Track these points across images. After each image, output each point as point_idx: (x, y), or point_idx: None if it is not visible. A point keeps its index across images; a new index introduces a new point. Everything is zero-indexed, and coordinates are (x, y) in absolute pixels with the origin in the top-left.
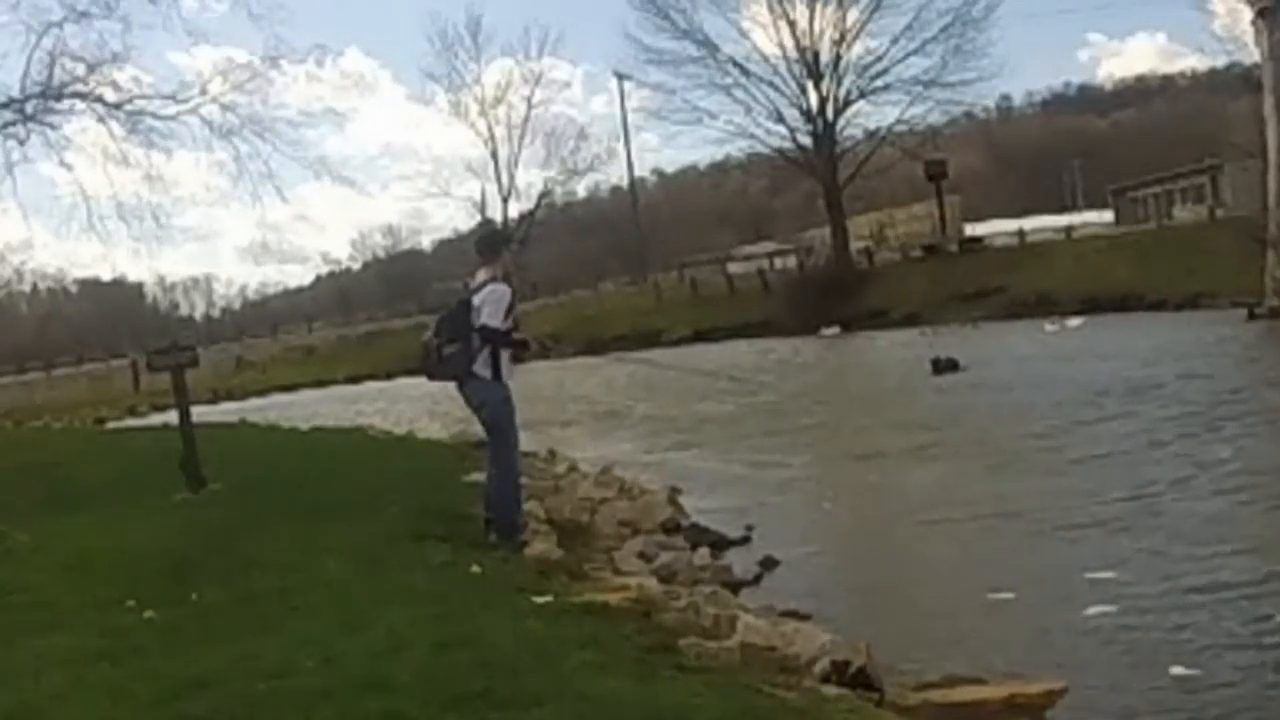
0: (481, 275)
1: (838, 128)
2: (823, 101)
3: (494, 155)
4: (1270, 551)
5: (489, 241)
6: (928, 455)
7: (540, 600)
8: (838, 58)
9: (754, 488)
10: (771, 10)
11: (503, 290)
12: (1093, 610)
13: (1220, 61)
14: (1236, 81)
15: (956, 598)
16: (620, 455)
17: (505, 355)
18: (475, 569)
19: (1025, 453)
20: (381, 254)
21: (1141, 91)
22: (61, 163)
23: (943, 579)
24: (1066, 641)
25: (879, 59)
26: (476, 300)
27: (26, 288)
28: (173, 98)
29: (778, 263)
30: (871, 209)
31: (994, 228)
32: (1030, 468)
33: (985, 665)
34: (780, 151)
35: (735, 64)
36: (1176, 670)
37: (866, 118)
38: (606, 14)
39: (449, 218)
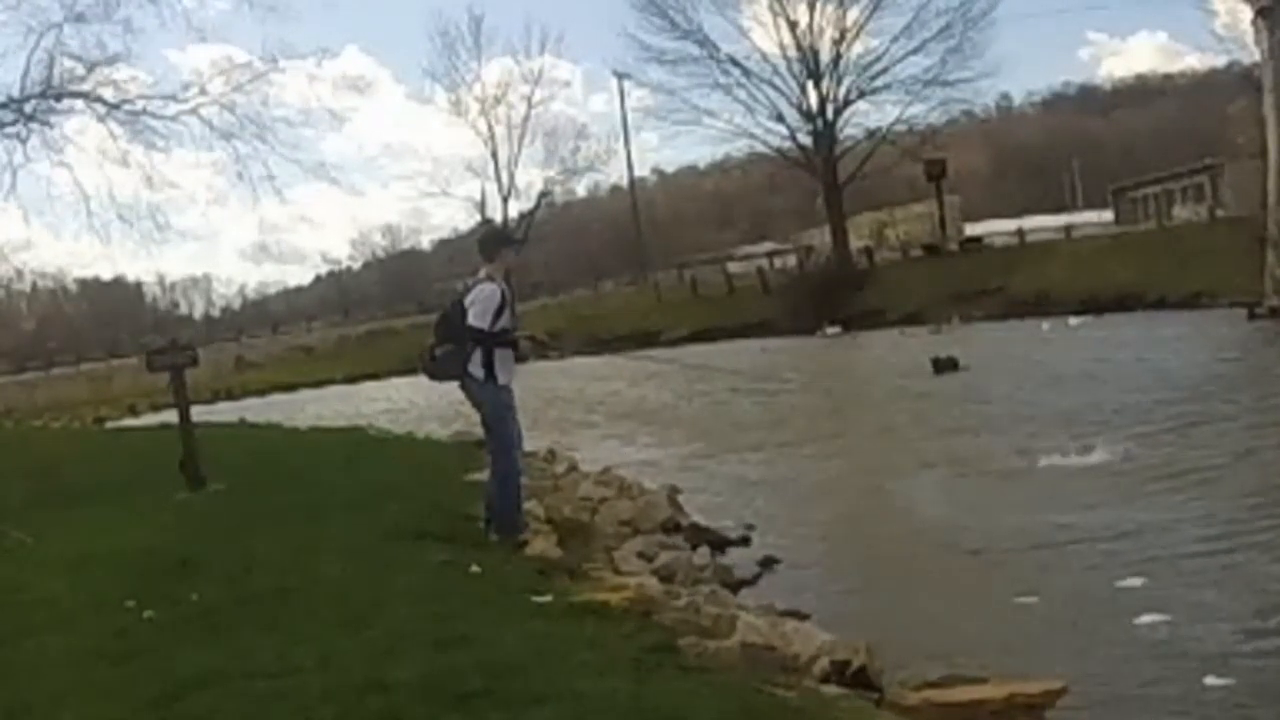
0: (480, 275)
1: (838, 127)
2: (823, 101)
3: (494, 155)
4: None
5: (488, 241)
6: (930, 457)
7: (540, 600)
8: (838, 57)
9: (755, 488)
10: (771, 9)
11: (490, 290)
12: (1131, 619)
13: (1220, 61)
14: (1236, 81)
15: (967, 600)
16: (628, 456)
17: (501, 355)
18: (475, 569)
19: (1033, 455)
20: (381, 254)
21: (1141, 91)
22: (61, 163)
23: (952, 581)
24: (1091, 646)
25: (879, 58)
26: (467, 301)
27: (26, 287)
28: (172, 98)
29: (778, 262)
30: (871, 209)
31: (993, 227)
32: (1039, 469)
33: (999, 667)
34: (780, 151)
35: (735, 63)
36: (1210, 680)
37: (866, 117)
38: (606, 14)
39: (449, 217)
